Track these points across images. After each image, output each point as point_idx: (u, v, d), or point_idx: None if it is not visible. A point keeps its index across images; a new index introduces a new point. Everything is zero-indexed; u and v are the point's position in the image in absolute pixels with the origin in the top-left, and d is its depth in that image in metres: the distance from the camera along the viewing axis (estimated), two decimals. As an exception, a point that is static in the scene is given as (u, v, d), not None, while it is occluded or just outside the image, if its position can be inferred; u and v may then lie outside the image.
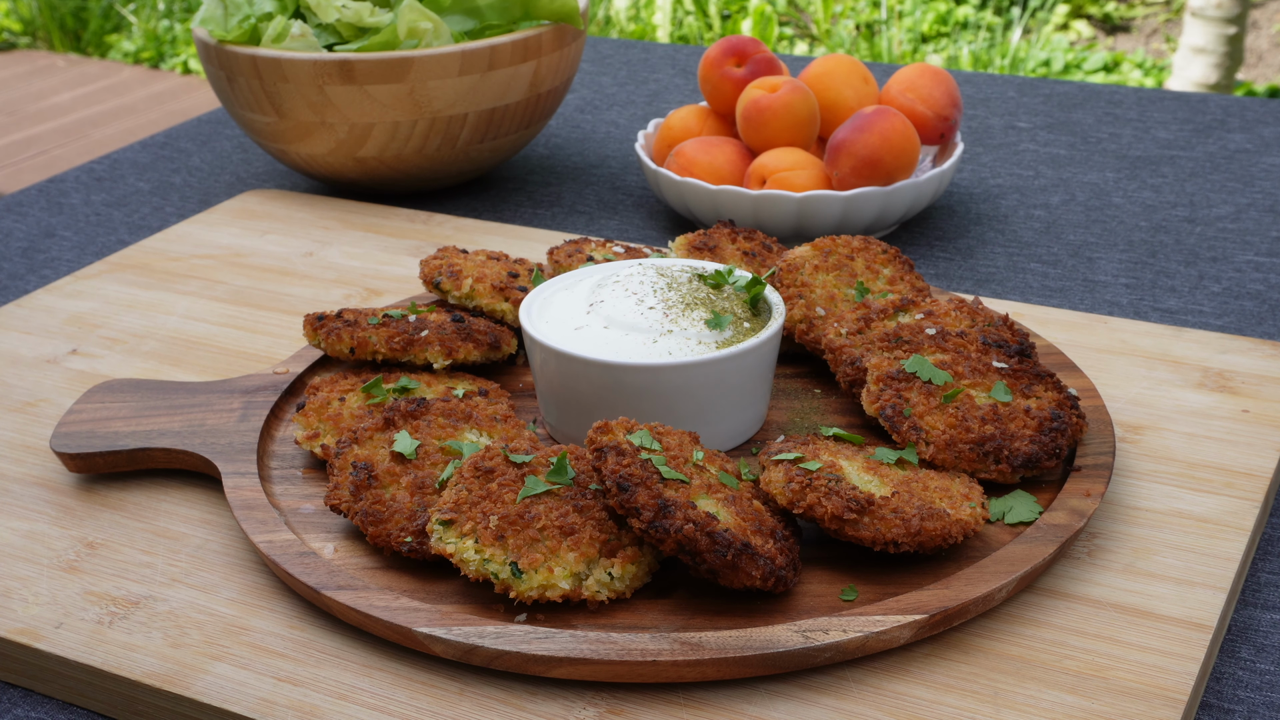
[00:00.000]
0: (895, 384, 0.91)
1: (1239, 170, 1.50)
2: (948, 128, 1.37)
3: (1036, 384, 0.92)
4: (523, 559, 0.77)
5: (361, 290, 1.22)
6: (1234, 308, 1.20)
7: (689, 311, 0.93)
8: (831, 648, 0.74)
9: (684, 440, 0.85)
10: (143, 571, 0.85)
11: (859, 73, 1.39)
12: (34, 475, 0.96)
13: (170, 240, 1.33)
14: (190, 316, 1.18)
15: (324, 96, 1.34)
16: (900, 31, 4.69)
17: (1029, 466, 0.87)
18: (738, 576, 0.75)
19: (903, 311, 1.00)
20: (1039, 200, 1.45)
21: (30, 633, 0.80)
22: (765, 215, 1.27)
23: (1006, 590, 0.78)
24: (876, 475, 0.84)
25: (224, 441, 0.94)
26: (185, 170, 1.62)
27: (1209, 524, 0.86)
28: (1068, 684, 0.73)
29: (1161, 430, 0.96)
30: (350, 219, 1.37)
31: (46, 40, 5.38)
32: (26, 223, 1.48)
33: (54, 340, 1.14)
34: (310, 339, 1.01)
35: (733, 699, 0.73)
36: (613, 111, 1.78)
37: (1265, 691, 0.78)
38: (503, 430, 0.91)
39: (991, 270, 1.29)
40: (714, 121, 1.42)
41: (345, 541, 0.85)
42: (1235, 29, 4.14)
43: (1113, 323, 1.10)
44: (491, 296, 1.06)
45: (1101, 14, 4.92)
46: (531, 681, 0.75)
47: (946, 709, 0.72)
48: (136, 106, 4.52)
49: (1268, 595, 0.86)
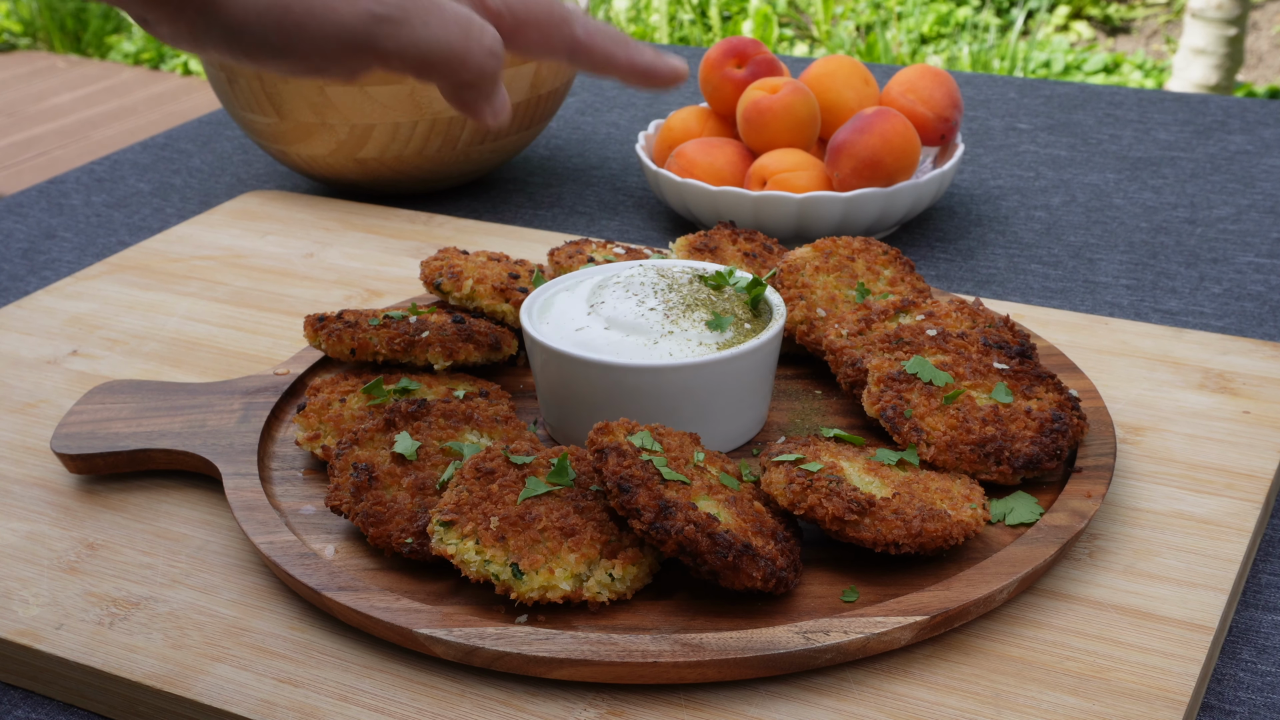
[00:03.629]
0: (896, 385, 0.91)
1: (1240, 171, 1.50)
2: (948, 129, 1.37)
3: (1037, 385, 0.92)
4: (523, 560, 0.77)
5: (362, 291, 1.21)
6: (1235, 309, 1.20)
7: (690, 313, 0.93)
8: (832, 649, 0.74)
9: (685, 441, 0.85)
10: (143, 572, 0.85)
11: (859, 74, 1.39)
12: (34, 476, 0.96)
13: (171, 241, 1.33)
14: (191, 317, 1.18)
15: (324, 97, 1.34)
16: (900, 33, 4.69)
17: (1030, 468, 0.87)
18: (738, 578, 0.75)
19: (903, 313, 1.00)
20: (1039, 201, 1.45)
21: (31, 634, 0.80)
22: (766, 216, 1.27)
23: (1007, 591, 0.78)
24: (877, 476, 0.84)
25: (224, 442, 0.94)
26: (186, 171, 1.62)
27: (1210, 525, 0.86)
28: (1069, 685, 0.73)
29: (1162, 431, 0.96)
30: (351, 220, 1.37)
31: (47, 41, 5.39)
32: (27, 224, 1.48)
33: (54, 341, 1.14)
34: (311, 340, 1.01)
35: (733, 700, 0.73)
36: (613, 113, 1.78)
37: (1266, 693, 0.78)
38: (503, 431, 0.91)
39: (992, 271, 1.29)
40: (714, 123, 1.42)
41: (346, 543, 0.85)
42: (1235, 30, 4.14)
43: (1113, 324, 1.10)
44: (492, 298, 1.06)
45: (1102, 15, 4.92)
46: (532, 683, 0.75)
47: (947, 710, 0.72)
48: (137, 107, 4.52)
49: (1269, 596, 0.86)
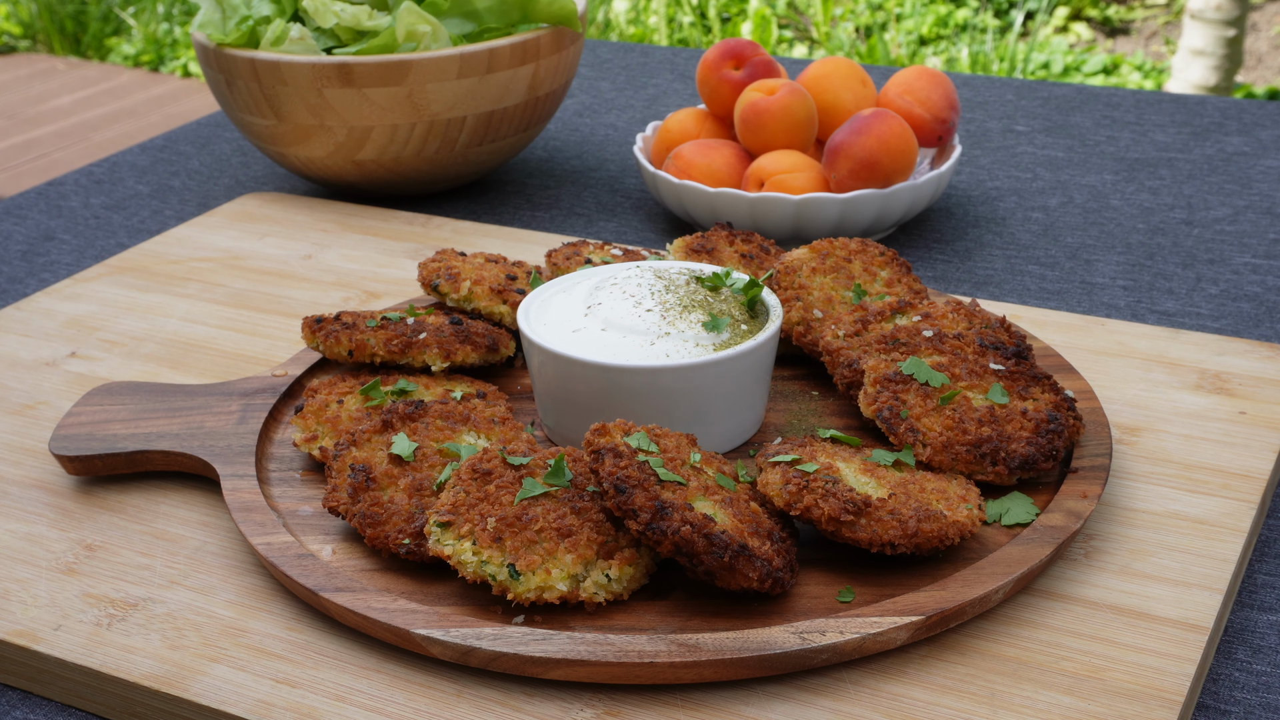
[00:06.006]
0: (892, 386, 0.91)
1: (1237, 173, 1.51)
2: (945, 130, 1.37)
3: (1033, 386, 0.92)
4: (520, 561, 0.77)
5: (360, 293, 1.22)
6: (1231, 310, 1.20)
7: (686, 314, 0.93)
8: (828, 649, 0.74)
9: (681, 442, 0.85)
10: (141, 573, 0.85)
11: (857, 75, 1.39)
12: (33, 478, 0.96)
13: (169, 243, 1.33)
14: (189, 319, 1.18)
15: (323, 99, 1.34)
16: (900, 34, 4.70)
17: (1026, 468, 0.87)
18: (735, 578, 0.75)
19: (900, 314, 1.00)
20: (1037, 202, 1.45)
21: (29, 635, 0.80)
22: (763, 217, 1.27)
23: (1003, 592, 0.78)
24: (873, 477, 0.84)
25: (222, 444, 0.94)
26: (184, 173, 1.62)
27: (1205, 525, 0.86)
28: (1064, 685, 0.74)
29: (1158, 432, 0.96)
30: (349, 222, 1.37)
31: (46, 43, 5.39)
32: (26, 226, 1.48)
33: (53, 343, 1.14)
34: (309, 341, 1.01)
35: (730, 700, 0.73)
36: (611, 114, 1.79)
37: (1261, 693, 0.78)
38: (500, 432, 0.91)
39: (989, 272, 1.29)
40: (712, 124, 1.42)
41: (343, 543, 0.85)
42: (1234, 31, 4.14)
43: (1110, 324, 1.10)
44: (490, 299, 1.07)
45: (1101, 16, 4.92)
46: (529, 683, 0.75)
47: (943, 710, 0.72)
48: (136, 110, 4.52)
49: (1264, 596, 0.86)
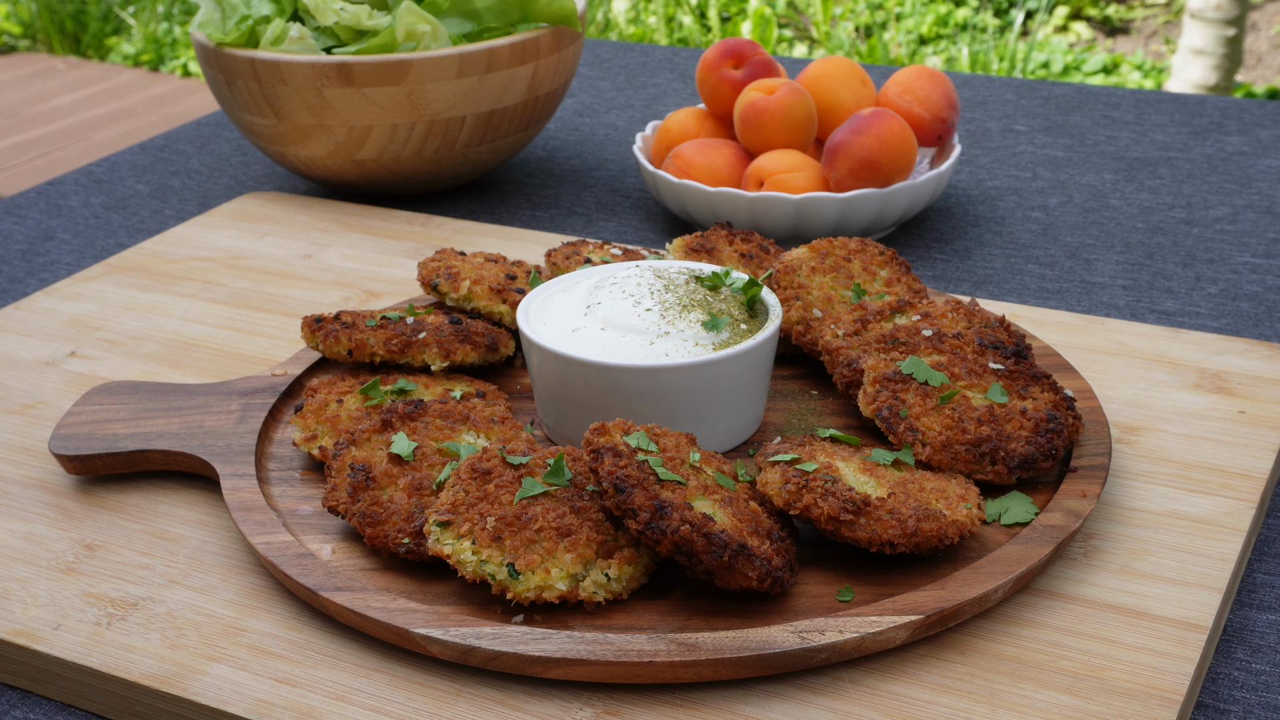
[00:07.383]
0: (892, 385, 0.91)
1: (1236, 172, 1.51)
2: (945, 130, 1.37)
3: (1033, 385, 0.92)
4: (520, 560, 0.77)
5: (360, 292, 1.22)
6: (1231, 309, 1.20)
7: (686, 313, 0.93)
8: (828, 648, 0.74)
9: (681, 442, 0.85)
10: (141, 573, 0.85)
11: (856, 75, 1.39)
12: (32, 477, 0.96)
13: (169, 243, 1.33)
14: (189, 319, 1.18)
15: (322, 99, 1.34)
16: (900, 34, 4.70)
17: (1025, 467, 0.87)
18: (734, 577, 0.75)
19: (899, 313, 1.00)
20: (1036, 202, 1.45)
21: (28, 634, 0.80)
22: (763, 217, 1.27)
23: (1002, 591, 0.78)
24: (873, 476, 0.84)
25: (222, 443, 0.94)
26: (184, 173, 1.62)
27: (1205, 525, 0.86)
28: (1063, 684, 0.74)
29: (1158, 431, 0.96)
30: (349, 221, 1.37)
31: (46, 43, 5.39)
32: (26, 225, 1.48)
33: (53, 342, 1.14)
34: (308, 341, 1.01)
35: (729, 699, 0.74)
36: (611, 114, 1.79)
37: (1261, 692, 0.78)
38: (500, 432, 0.91)
39: (989, 272, 1.29)
40: (712, 124, 1.42)
41: (343, 543, 0.85)
42: (1234, 31, 4.14)
43: (1109, 324, 1.10)
44: (489, 298, 1.07)
45: (1101, 16, 4.92)
46: (528, 682, 0.75)
47: (942, 709, 0.72)
48: (136, 109, 4.52)
49: (1263, 596, 0.86)
